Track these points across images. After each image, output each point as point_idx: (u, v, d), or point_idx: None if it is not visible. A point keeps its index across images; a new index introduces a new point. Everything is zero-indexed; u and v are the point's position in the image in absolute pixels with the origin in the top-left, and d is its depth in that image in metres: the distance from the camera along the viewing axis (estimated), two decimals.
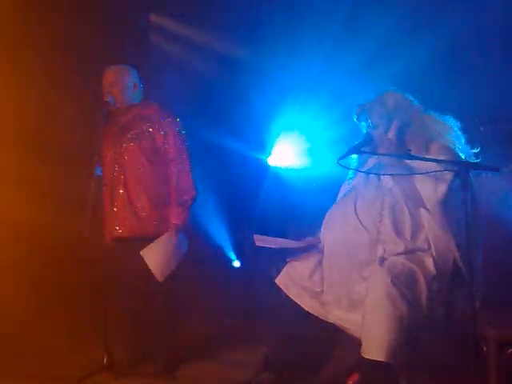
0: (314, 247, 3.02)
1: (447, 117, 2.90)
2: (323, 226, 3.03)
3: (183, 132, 3.54)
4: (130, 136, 3.49)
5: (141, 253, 3.37)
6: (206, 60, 4.73)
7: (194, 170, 3.57)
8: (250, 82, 4.52)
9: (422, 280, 2.67)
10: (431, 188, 2.71)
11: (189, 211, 3.52)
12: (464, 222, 2.44)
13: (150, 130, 3.48)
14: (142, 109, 3.56)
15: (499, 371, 2.68)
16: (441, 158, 2.68)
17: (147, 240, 3.40)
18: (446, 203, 2.70)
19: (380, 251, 2.77)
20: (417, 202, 2.76)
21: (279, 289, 2.97)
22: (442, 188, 2.68)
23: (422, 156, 2.74)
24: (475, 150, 2.83)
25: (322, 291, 2.87)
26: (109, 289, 3.46)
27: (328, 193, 3.26)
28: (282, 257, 3.05)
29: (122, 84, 3.50)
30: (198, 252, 4.28)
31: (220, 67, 4.69)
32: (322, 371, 3.00)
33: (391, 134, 2.87)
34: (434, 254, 2.73)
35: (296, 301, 2.91)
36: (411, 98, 2.95)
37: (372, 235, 2.80)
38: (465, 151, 2.82)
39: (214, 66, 4.70)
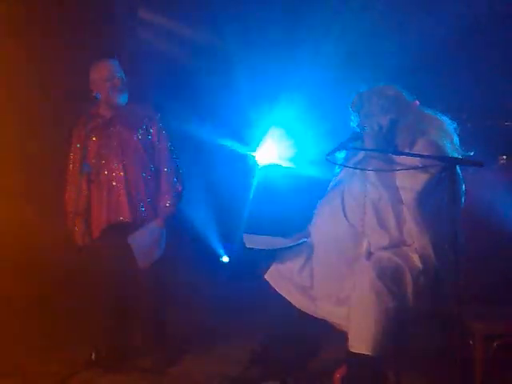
0: (302, 242, 3.03)
1: (443, 116, 2.88)
2: (313, 220, 3.04)
3: None
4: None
5: (128, 239, 3.41)
6: (192, 53, 4.72)
7: (183, 167, 3.61)
8: (237, 77, 4.51)
9: (408, 275, 2.67)
10: (411, 181, 2.71)
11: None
12: (449, 216, 2.45)
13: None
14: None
15: (485, 364, 2.71)
16: (426, 153, 2.68)
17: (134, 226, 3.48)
18: (424, 197, 2.69)
19: (365, 244, 2.79)
20: (398, 195, 2.77)
21: (268, 284, 2.97)
22: (422, 181, 2.68)
23: (407, 151, 2.74)
24: (469, 153, 2.83)
25: (312, 286, 2.87)
26: (95, 285, 3.46)
27: (317, 189, 3.26)
28: (271, 252, 3.05)
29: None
30: (186, 248, 4.30)
31: (208, 62, 4.68)
32: (310, 366, 3.01)
33: (383, 125, 2.86)
34: (417, 248, 2.74)
35: (285, 296, 2.90)
36: (407, 93, 2.95)
37: (358, 229, 2.81)
38: (456, 151, 2.80)
39: (201, 61, 4.69)
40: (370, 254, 2.76)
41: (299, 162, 4.46)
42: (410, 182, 2.71)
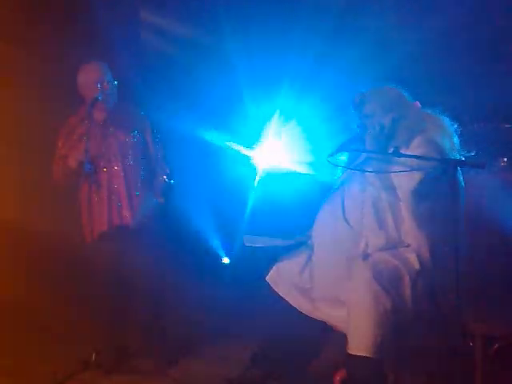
0: (303, 244, 3.03)
1: (443, 116, 2.89)
2: (315, 222, 3.04)
3: None
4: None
5: None
6: (188, 49, 4.70)
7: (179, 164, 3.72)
8: (239, 79, 4.51)
9: (406, 277, 2.67)
10: (407, 179, 2.70)
11: None
12: (450, 218, 2.46)
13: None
14: None
15: (486, 366, 2.70)
16: (421, 150, 2.69)
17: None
18: (420, 195, 2.70)
19: (362, 245, 2.79)
20: (396, 195, 2.77)
21: (269, 286, 2.97)
22: (417, 178, 2.68)
23: (405, 149, 2.75)
24: (470, 153, 2.82)
25: (312, 288, 2.87)
26: (95, 286, 3.47)
27: (318, 190, 3.26)
28: (271, 254, 3.05)
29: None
30: (187, 249, 4.30)
31: (210, 61, 4.67)
32: (309, 368, 3.00)
33: (385, 125, 2.86)
34: (415, 247, 2.74)
35: (285, 298, 2.91)
36: (408, 94, 2.96)
37: (356, 230, 2.81)
38: (455, 151, 2.80)
39: (197, 57, 4.67)
40: (367, 255, 2.76)
41: (301, 164, 4.46)
42: (405, 180, 2.71)
